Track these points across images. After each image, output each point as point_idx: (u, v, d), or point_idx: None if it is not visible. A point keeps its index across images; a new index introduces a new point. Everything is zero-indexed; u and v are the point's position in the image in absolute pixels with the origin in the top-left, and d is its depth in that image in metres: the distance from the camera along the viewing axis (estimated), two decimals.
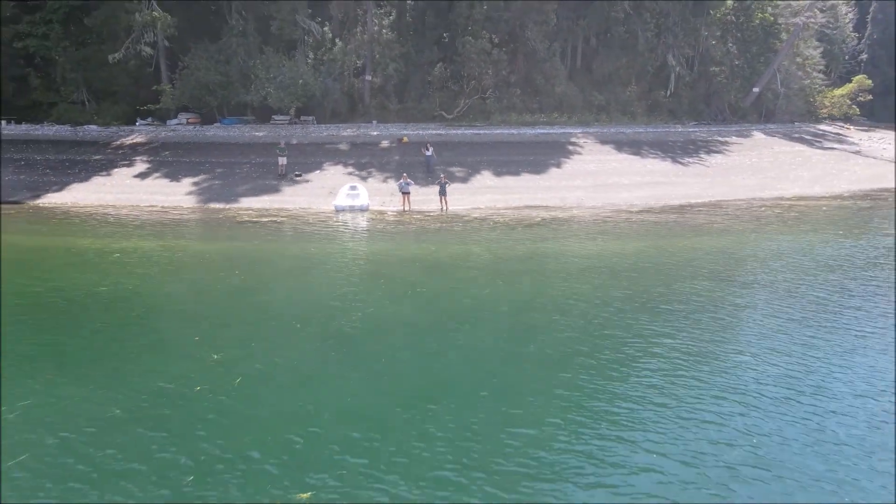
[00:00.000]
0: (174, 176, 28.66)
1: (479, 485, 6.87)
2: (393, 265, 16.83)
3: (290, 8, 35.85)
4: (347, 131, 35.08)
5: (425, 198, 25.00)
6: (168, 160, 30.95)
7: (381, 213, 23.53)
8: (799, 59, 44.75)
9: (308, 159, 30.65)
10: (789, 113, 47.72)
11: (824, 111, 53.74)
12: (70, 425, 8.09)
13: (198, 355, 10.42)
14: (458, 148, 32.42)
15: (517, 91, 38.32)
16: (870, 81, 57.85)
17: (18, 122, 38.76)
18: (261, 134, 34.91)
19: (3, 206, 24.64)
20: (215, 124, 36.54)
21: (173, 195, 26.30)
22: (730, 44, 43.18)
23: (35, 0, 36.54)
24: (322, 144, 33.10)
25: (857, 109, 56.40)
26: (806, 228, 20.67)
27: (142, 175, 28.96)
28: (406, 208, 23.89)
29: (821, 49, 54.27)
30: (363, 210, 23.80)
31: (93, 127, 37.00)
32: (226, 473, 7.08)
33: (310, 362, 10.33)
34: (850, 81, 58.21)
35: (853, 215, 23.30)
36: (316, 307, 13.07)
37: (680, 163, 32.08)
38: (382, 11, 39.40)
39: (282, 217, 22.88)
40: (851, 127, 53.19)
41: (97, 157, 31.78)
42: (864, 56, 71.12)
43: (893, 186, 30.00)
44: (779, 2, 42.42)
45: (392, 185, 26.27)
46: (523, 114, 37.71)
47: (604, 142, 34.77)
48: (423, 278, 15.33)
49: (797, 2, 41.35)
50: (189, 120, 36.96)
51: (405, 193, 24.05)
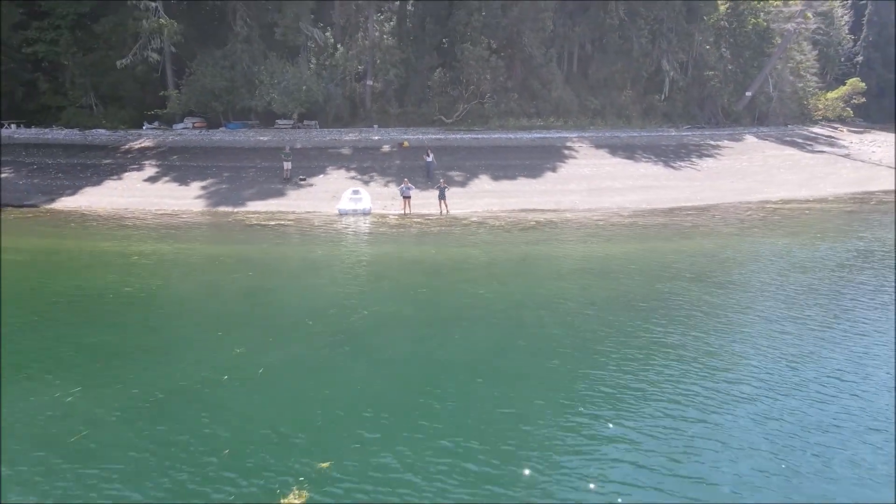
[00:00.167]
0: (183, 180, 29.96)
1: (474, 453, 8.19)
2: (395, 267, 18.15)
3: (294, 15, 37.15)
4: (349, 136, 36.42)
5: (425, 201, 26.26)
6: (176, 164, 32.27)
7: (383, 217, 24.82)
8: (791, 64, 46.04)
9: (312, 163, 31.97)
10: (783, 116, 49.10)
11: (818, 113, 55.12)
12: (122, 406, 9.40)
13: (222, 349, 11.73)
14: (457, 152, 33.76)
15: (515, 96, 39.65)
16: (863, 84, 59.23)
17: (28, 126, 40.11)
18: (265, 138, 36.25)
19: (20, 210, 25.98)
20: (221, 128, 37.88)
21: (183, 199, 27.60)
22: (723, 49, 44.57)
23: None
24: (325, 149, 34.44)
25: (851, 112, 57.80)
26: (785, 232, 21.98)
27: (151, 179, 30.27)
28: (407, 212, 25.18)
29: (816, 52, 55.69)
30: (366, 214, 25.09)
31: (101, 131, 38.32)
32: (259, 447, 8.39)
33: (323, 354, 11.64)
34: (845, 84, 59.68)
35: (833, 219, 24.62)
36: (325, 305, 14.36)
37: (671, 167, 33.42)
38: (383, 17, 40.73)
39: (288, 220, 24.17)
40: (844, 129, 54.51)
41: (107, 162, 33.10)
42: (860, 58, 72.48)
43: (880, 190, 31.40)
44: (771, 8, 43.75)
45: (393, 190, 27.57)
46: (520, 118, 39.05)
47: (598, 146, 36.11)
48: (424, 279, 16.65)
49: (789, 8, 42.64)
50: (195, 124, 38.29)
51: (406, 198, 25.33)
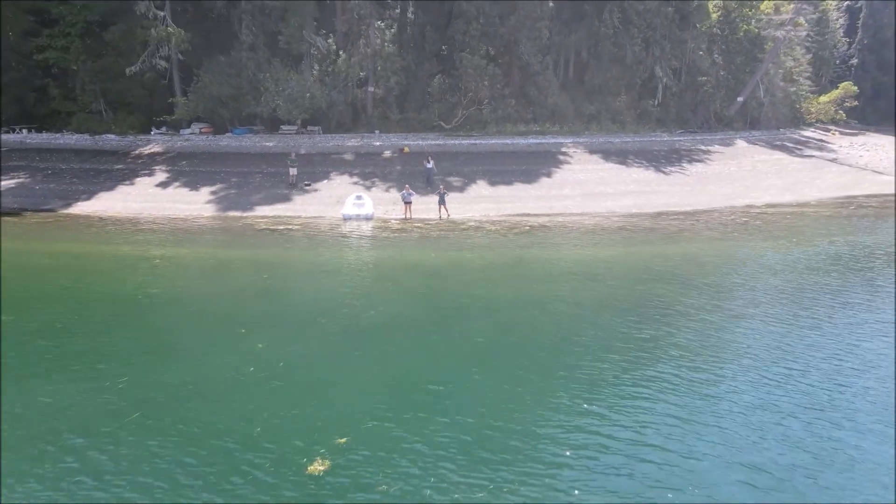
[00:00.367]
0: (193, 185, 31.56)
1: (469, 428, 9.81)
2: (397, 270, 19.77)
3: (298, 23, 38.74)
4: (352, 141, 38.03)
5: (426, 206, 27.86)
6: (185, 170, 33.87)
7: (385, 222, 26.43)
8: (783, 70, 47.63)
9: (316, 169, 33.58)
10: (775, 120, 50.72)
11: (811, 117, 56.77)
12: (167, 393, 11.03)
13: (245, 345, 13.33)
14: (456, 158, 35.38)
15: (512, 102, 41.26)
16: (855, 88, 60.88)
17: (39, 131, 41.72)
18: (270, 144, 37.85)
19: (40, 215, 27.58)
20: (227, 134, 39.48)
21: (193, 203, 29.19)
22: (716, 55, 46.17)
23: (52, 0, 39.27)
24: (328, 154, 36.06)
25: (844, 115, 59.46)
26: (764, 236, 23.62)
27: (163, 184, 31.87)
28: (408, 217, 26.79)
29: (810, 55, 57.33)
30: (369, 219, 26.70)
31: (111, 136, 39.91)
32: (286, 426, 9.99)
33: (336, 348, 13.25)
34: (838, 87, 61.34)
35: (811, 224, 26.24)
36: (335, 306, 15.97)
37: (662, 172, 35.06)
38: (384, 25, 42.31)
39: (295, 225, 25.79)
40: (836, 132, 56.16)
41: (119, 167, 34.69)
42: (855, 61, 74.20)
43: (861, 194, 33.03)
44: (762, 16, 45.35)
45: (395, 195, 29.18)
46: (518, 124, 40.66)
47: (592, 151, 37.74)
48: (425, 281, 18.28)
49: (779, 16, 44.25)
50: (202, 130, 39.89)
51: (407, 203, 26.94)
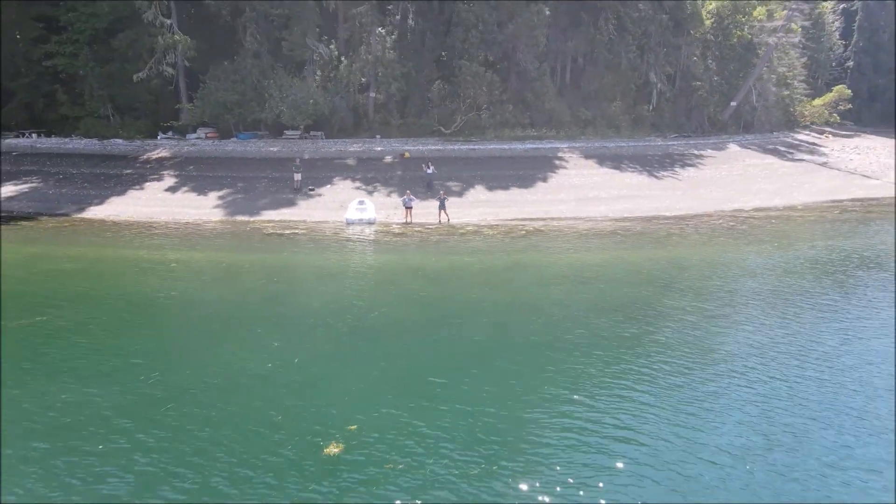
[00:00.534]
0: (201, 190, 33.01)
1: (465, 416, 11.28)
2: (399, 274, 21.23)
3: (301, 31, 40.20)
4: (354, 147, 39.51)
5: (425, 211, 29.28)
6: (193, 175, 35.33)
7: (387, 226, 27.86)
8: (775, 75, 49.11)
9: (319, 174, 35.04)
10: (769, 123, 52.23)
11: (805, 120, 58.33)
12: (196, 387, 12.50)
13: (262, 343, 14.80)
14: (455, 163, 36.86)
15: (510, 107, 42.71)
16: (849, 91, 62.51)
17: (48, 136, 43.19)
18: (275, 149, 39.32)
19: (56, 219, 29.01)
20: (232, 139, 40.96)
21: (202, 208, 30.62)
22: (709, 61, 47.65)
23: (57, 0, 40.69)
24: (331, 160, 37.53)
25: (838, 118, 61.04)
26: (748, 241, 25.10)
27: (172, 189, 33.32)
28: (409, 221, 28.23)
29: (805, 58, 58.85)
30: (371, 223, 28.13)
31: (119, 141, 41.37)
32: (303, 415, 11.45)
33: (345, 347, 14.73)
34: (832, 91, 62.92)
35: (795, 228, 27.71)
36: (342, 307, 17.43)
37: (655, 176, 36.54)
38: (385, 31, 43.72)
39: (301, 229, 27.21)
40: (830, 135, 57.69)
41: (128, 172, 36.15)
42: (851, 63, 75.80)
43: (848, 199, 34.49)
44: (755, 22, 46.83)
45: (396, 200, 30.63)
46: (515, 129, 42.15)
47: (588, 156, 39.22)
48: (425, 285, 19.74)
49: (771, 23, 45.73)
50: (208, 134, 41.35)
51: (408, 208, 28.38)
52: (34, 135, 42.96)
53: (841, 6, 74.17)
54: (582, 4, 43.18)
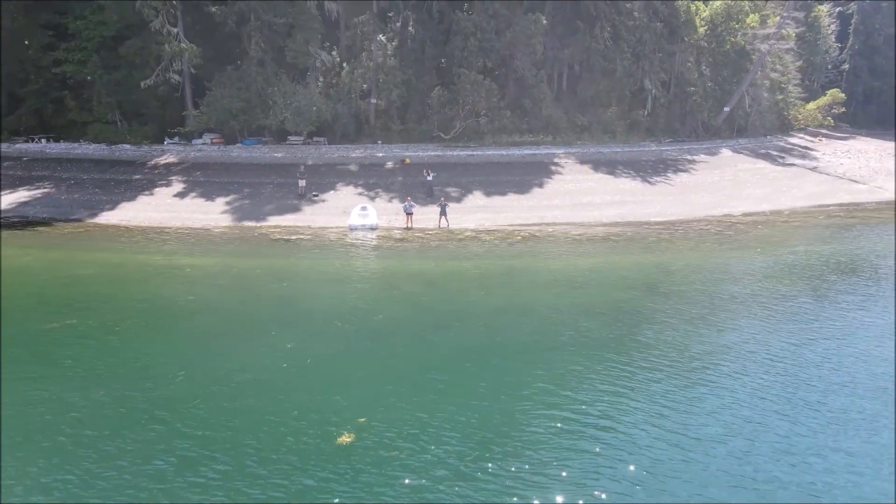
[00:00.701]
0: (208, 195, 34.51)
1: (463, 408, 12.81)
2: (401, 278, 22.77)
3: (304, 39, 41.65)
4: (356, 152, 41.03)
5: (425, 216, 30.78)
6: (200, 180, 36.83)
7: (389, 231, 29.37)
8: (767, 81, 50.63)
9: (322, 180, 36.54)
10: (762, 127, 53.77)
11: (798, 123, 59.91)
12: (219, 384, 14.03)
13: (277, 345, 16.31)
14: (454, 169, 38.38)
15: (507, 113, 44.22)
16: (842, 95, 64.16)
17: (57, 141, 44.67)
18: (279, 155, 40.84)
19: (71, 225, 30.49)
20: (237, 145, 42.45)
21: (210, 213, 32.11)
22: (703, 67, 49.17)
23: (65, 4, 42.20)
24: (334, 165, 39.05)
25: (832, 121, 62.64)
26: (733, 246, 26.65)
27: (180, 194, 34.82)
28: (409, 226, 29.74)
29: (800, 62, 60.42)
30: (373, 229, 29.62)
31: (126, 146, 42.84)
32: (317, 409, 12.97)
33: (353, 347, 16.25)
34: (825, 94, 64.50)
35: (779, 234, 29.24)
36: (349, 310, 18.96)
37: (648, 182, 38.09)
38: (386, 39, 45.21)
39: (306, 235, 28.72)
40: (823, 139, 59.26)
41: (137, 177, 37.65)
42: (846, 66, 77.43)
43: (834, 203, 36.03)
44: (748, 30, 48.33)
45: (397, 206, 32.14)
46: (513, 134, 43.64)
47: (583, 162, 40.76)
48: (425, 289, 21.28)
49: (763, 31, 47.25)
50: (213, 140, 42.84)
51: (409, 214, 29.91)
52: (43, 140, 44.43)
53: (837, 9, 75.71)
54: (578, 13, 44.72)
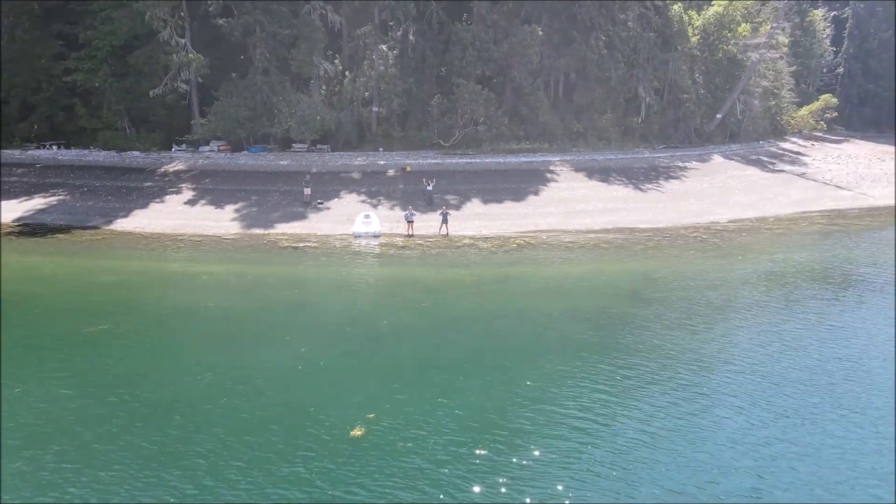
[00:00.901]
0: (218, 203, 36.39)
1: (461, 404, 14.74)
2: (404, 285, 24.70)
3: (308, 49, 43.53)
4: (358, 160, 42.93)
5: (426, 224, 32.63)
6: (209, 188, 38.73)
7: (391, 239, 31.21)
8: (759, 89, 52.52)
9: (327, 187, 38.43)
10: (755, 133, 55.70)
11: (792, 127, 61.86)
12: (243, 383, 15.95)
13: (291, 349, 18.22)
14: (453, 176, 40.28)
15: (505, 121, 46.13)
16: (835, 100, 66.17)
17: (67, 147, 46.57)
18: (284, 163, 42.73)
19: (89, 232, 32.36)
20: (244, 152, 44.35)
21: (221, 221, 33.98)
22: (696, 75, 51.07)
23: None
24: (337, 173, 40.95)
25: (824, 125, 64.61)
26: (716, 254, 28.53)
27: (191, 202, 36.69)
28: (411, 234, 31.63)
29: (794, 67, 62.30)
30: (377, 236, 31.50)
31: (136, 153, 44.75)
32: (330, 405, 14.89)
33: (362, 350, 18.16)
34: (819, 99, 66.43)
35: (761, 241, 31.09)
36: (357, 316, 20.90)
37: (640, 189, 39.99)
38: (387, 48, 47.06)
39: (313, 242, 30.57)
40: (815, 143, 61.17)
41: (148, 184, 39.55)
42: (841, 69, 79.33)
43: (817, 210, 37.94)
44: (740, 38, 50.19)
45: (398, 213, 34.02)
46: (510, 142, 45.55)
47: (577, 169, 42.67)
48: (426, 295, 23.19)
49: (753, 40, 49.13)
50: (220, 147, 44.74)
51: (410, 222, 31.81)
52: (55, 146, 46.32)
53: (832, 14, 77.54)
54: (573, 24, 46.57)
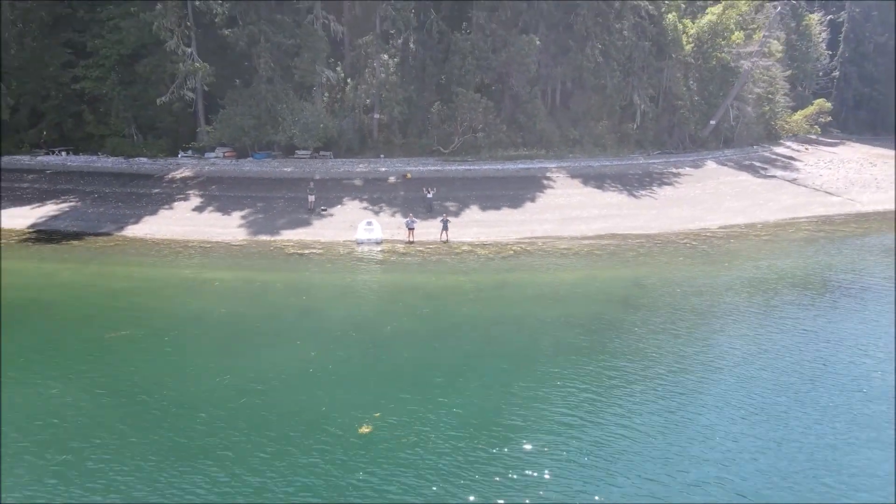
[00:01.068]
0: (224, 210, 37.87)
1: (460, 404, 16.24)
2: (406, 292, 26.19)
3: (311, 58, 44.99)
4: (360, 167, 44.44)
5: (426, 230, 34.08)
6: (216, 194, 40.21)
7: (393, 245, 32.68)
8: (752, 95, 54.02)
9: (330, 194, 39.91)
10: (749, 138, 57.20)
11: (786, 132, 63.38)
12: (260, 383, 17.47)
13: (302, 353, 19.72)
14: (453, 183, 41.78)
15: (503, 128, 47.57)
16: (829, 104, 67.67)
17: (76, 153, 48.06)
18: (288, 169, 44.22)
19: (102, 238, 33.82)
20: (249, 159, 45.84)
21: (228, 227, 35.44)
22: (690, 82, 52.56)
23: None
24: (340, 180, 42.45)
25: (819, 129, 66.13)
26: (703, 261, 30.02)
27: (198, 209, 38.17)
28: (411, 240, 33.13)
29: (789, 71, 63.80)
30: (378, 243, 32.96)
31: (143, 159, 46.22)
32: (339, 405, 16.40)
33: (368, 354, 19.67)
34: (813, 104, 67.95)
35: (748, 248, 32.54)
36: (361, 321, 22.41)
37: (634, 195, 41.49)
38: (388, 56, 48.52)
39: (318, 249, 32.04)
40: (809, 147, 62.69)
41: (156, 191, 41.02)
42: (837, 73, 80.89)
43: (805, 217, 39.45)
44: (733, 46, 51.67)
45: (400, 220, 35.45)
46: (508, 148, 47.03)
47: (573, 175, 44.17)
48: (427, 301, 24.71)
49: (745, 49, 50.63)
50: (225, 154, 46.23)
51: (411, 229, 33.31)
52: (63, 152, 47.80)
53: (828, 18, 79.04)
54: (570, 34, 48.04)
